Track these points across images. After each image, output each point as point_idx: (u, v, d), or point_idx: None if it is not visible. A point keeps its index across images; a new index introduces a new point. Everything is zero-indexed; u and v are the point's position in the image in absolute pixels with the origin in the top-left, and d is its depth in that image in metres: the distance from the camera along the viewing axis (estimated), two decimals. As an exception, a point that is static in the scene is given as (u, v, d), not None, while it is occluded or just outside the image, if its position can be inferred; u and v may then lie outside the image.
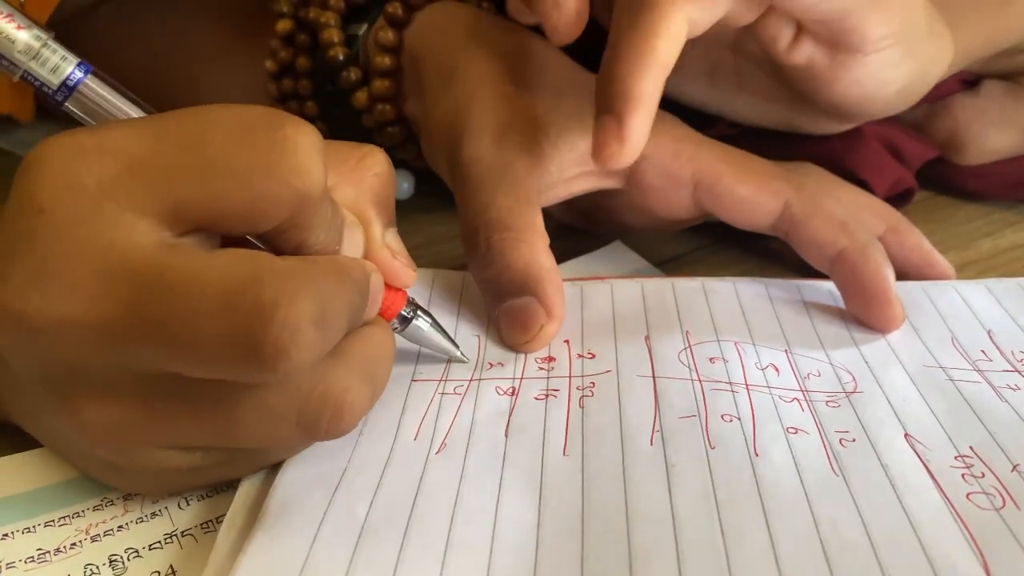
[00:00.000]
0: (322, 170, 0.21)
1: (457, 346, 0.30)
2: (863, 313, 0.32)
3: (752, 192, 0.33)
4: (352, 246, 0.25)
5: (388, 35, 0.40)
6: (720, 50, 0.36)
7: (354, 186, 0.26)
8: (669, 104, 0.37)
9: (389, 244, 0.27)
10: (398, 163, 0.45)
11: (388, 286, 0.27)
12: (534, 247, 0.31)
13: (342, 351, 0.23)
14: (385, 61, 0.40)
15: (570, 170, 0.34)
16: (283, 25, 0.43)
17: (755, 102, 0.37)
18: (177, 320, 0.19)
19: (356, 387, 0.23)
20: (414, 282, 0.27)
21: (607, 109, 0.29)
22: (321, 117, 0.44)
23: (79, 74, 0.24)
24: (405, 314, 0.28)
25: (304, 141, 0.21)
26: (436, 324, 0.29)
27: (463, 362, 0.30)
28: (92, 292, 0.20)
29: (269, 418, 0.22)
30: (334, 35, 0.41)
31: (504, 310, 0.31)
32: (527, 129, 0.34)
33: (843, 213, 0.32)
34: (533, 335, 0.30)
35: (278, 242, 0.22)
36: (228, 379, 0.21)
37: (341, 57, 0.41)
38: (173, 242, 0.21)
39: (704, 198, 0.34)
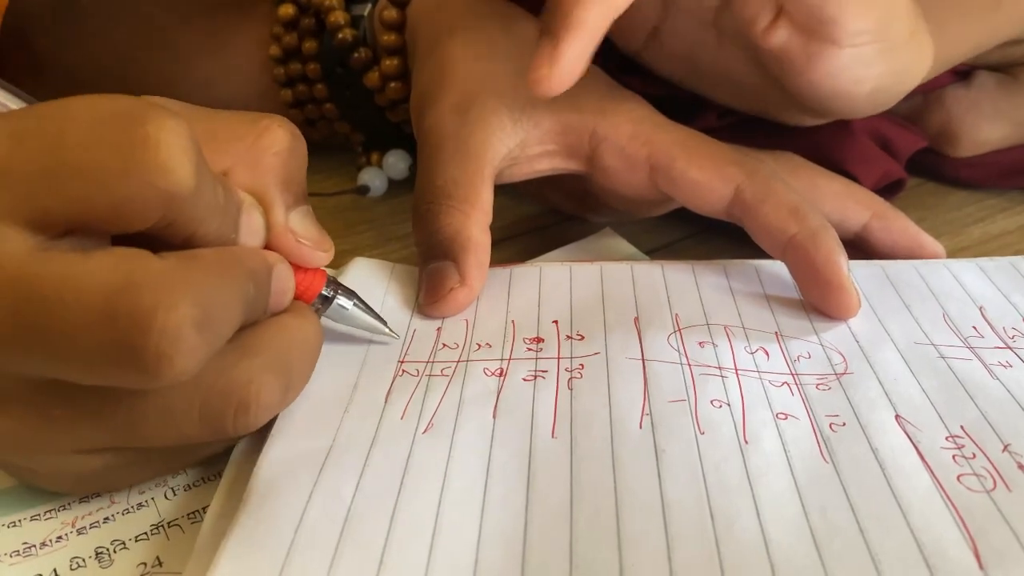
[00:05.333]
0: (189, 167, 0.20)
1: (384, 323, 0.29)
2: (817, 301, 0.31)
3: (704, 176, 0.33)
4: (251, 232, 0.24)
5: (392, 13, 0.41)
6: (702, 29, 0.36)
7: (251, 167, 0.25)
8: (658, 95, 0.37)
9: (293, 227, 0.26)
10: (395, 143, 0.45)
11: (303, 268, 0.26)
12: (468, 217, 0.32)
13: (248, 343, 0.23)
14: (391, 39, 0.41)
15: (533, 148, 0.34)
16: (285, 10, 0.44)
17: (731, 86, 0.37)
18: (54, 332, 0.19)
19: (262, 379, 0.22)
20: (327, 261, 0.27)
21: (546, 31, 0.28)
22: (331, 98, 0.45)
23: None
24: (326, 294, 0.27)
25: (167, 138, 0.20)
26: (361, 302, 0.28)
27: (394, 338, 0.30)
28: None
29: (172, 418, 0.22)
30: (340, 17, 0.42)
31: (425, 271, 0.32)
32: (492, 103, 0.34)
33: (795, 198, 0.32)
34: (441, 296, 0.31)
35: (164, 236, 0.21)
36: (115, 386, 0.20)
37: (350, 39, 0.42)
38: (47, 246, 0.20)
39: (660, 181, 0.34)
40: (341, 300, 0.28)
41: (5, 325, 0.19)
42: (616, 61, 0.38)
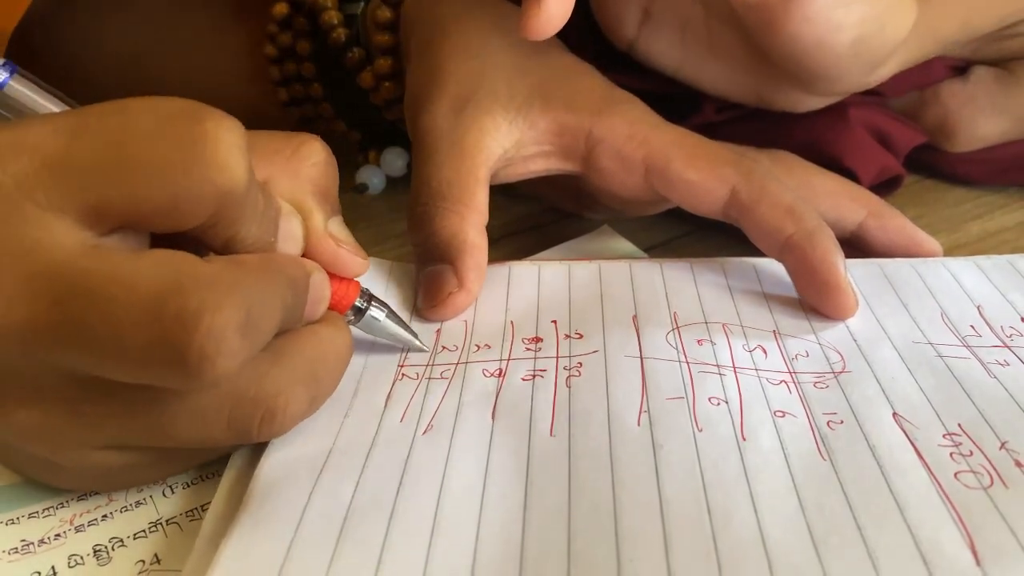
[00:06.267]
0: (244, 165, 0.21)
1: (415, 335, 0.29)
2: (815, 301, 0.31)
3: (700, 178, 0.33)
4: (290, 238, 0.25)
5: (384, 13, 0.40)
6: (691, 5, 0.36)
7: (291, 177, 0.26)
8: (653, 94, 0.37)
9: (333, 233, 0.26)
10: (393, 141, 0.45)
11: (339, 278, 0.27)
12: (464, 219, 0.32)
13: (281, 352, 0.23)
14: (384, 39, 0.41)
15: (529, 148, 0.34)
16: (279, 9, 0.44)
17: (724, 68, 0.37)
18: (101, 327, 0.19)
19: (291, 390, 0.23)
20: (366, 270, 0.27)
21: None
22: (327, 98, 0.44)
23: (3, 75, 0.23)
24: (359, 305, 0.27)
25: (225, 136, 0.20)
26: (392, 314, 0.29)
27: (422, 351, 0.30)
28: (13, 294, 0.19)
29: (201, 421, 0.22)
30: (333, 17, 0.42)
31: (422, 275, 0.32)
32: (486, 103, 0.34)
33: (790, 198, 0.32)
34: (440, 301, 0.31)
35: (207, 238, 0.22)
36: (154, 384, 0.21)
37: (344, 39, 0.42)
38: (96, 243, 0.20)
39: (655, 182, 0.34)
40: (374, 311, 0.28)
41: (48, 317, 0.19)
42: (610, 60, 0.38)
